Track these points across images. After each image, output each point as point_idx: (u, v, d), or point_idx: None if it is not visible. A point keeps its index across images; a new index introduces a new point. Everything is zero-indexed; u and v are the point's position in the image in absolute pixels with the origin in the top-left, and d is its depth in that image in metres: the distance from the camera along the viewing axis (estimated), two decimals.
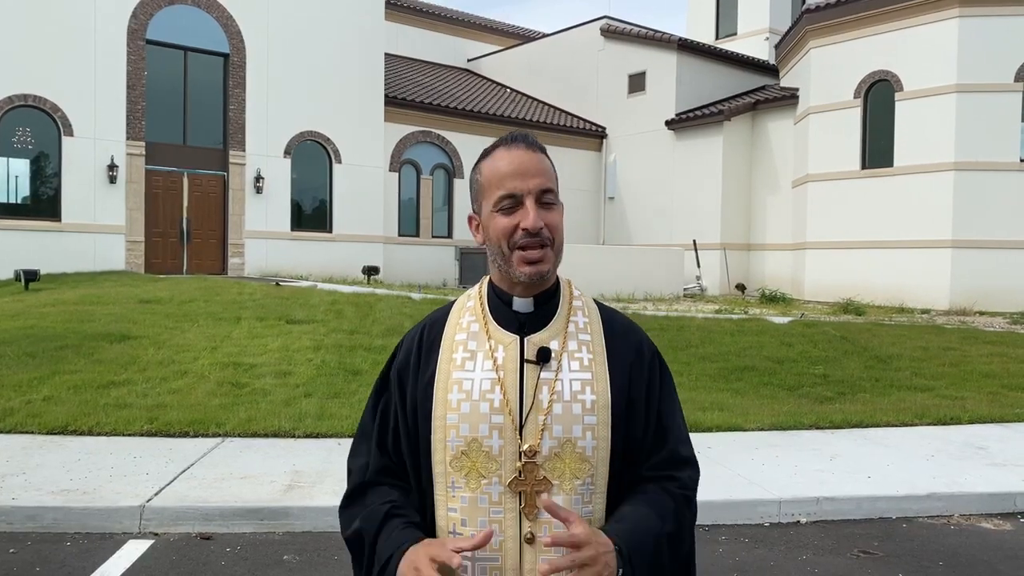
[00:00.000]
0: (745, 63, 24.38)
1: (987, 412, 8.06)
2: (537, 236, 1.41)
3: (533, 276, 1.43)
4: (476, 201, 1.50)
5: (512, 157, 1.44)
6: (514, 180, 1.42)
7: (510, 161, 1.44)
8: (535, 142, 1.48)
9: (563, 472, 1.40)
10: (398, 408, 1.51)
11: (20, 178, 16.33)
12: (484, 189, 1.47)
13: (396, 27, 26.64)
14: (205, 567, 4.31)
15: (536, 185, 1.42)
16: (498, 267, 1.48)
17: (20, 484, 5.15)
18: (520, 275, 1.43)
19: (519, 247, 1.42)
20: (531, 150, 1.45)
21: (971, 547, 4.86)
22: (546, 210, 1.43)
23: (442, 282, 20.51)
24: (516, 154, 1.44)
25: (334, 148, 19.77)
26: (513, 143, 1.46)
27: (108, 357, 8.60)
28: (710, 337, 10.92)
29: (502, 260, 1.45)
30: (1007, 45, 16.67)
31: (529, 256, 1.42)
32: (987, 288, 16.59)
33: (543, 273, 1.44)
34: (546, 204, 1.44)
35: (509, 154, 1.45)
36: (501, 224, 1.43)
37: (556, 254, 1.46)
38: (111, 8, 16.77)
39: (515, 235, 1.42)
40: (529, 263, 1.42)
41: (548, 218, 1.43)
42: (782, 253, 21.18)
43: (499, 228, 1.43)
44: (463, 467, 1.41)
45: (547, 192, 1.44)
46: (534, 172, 1.43)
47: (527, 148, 1.45)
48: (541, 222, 1.41)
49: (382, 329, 10.31)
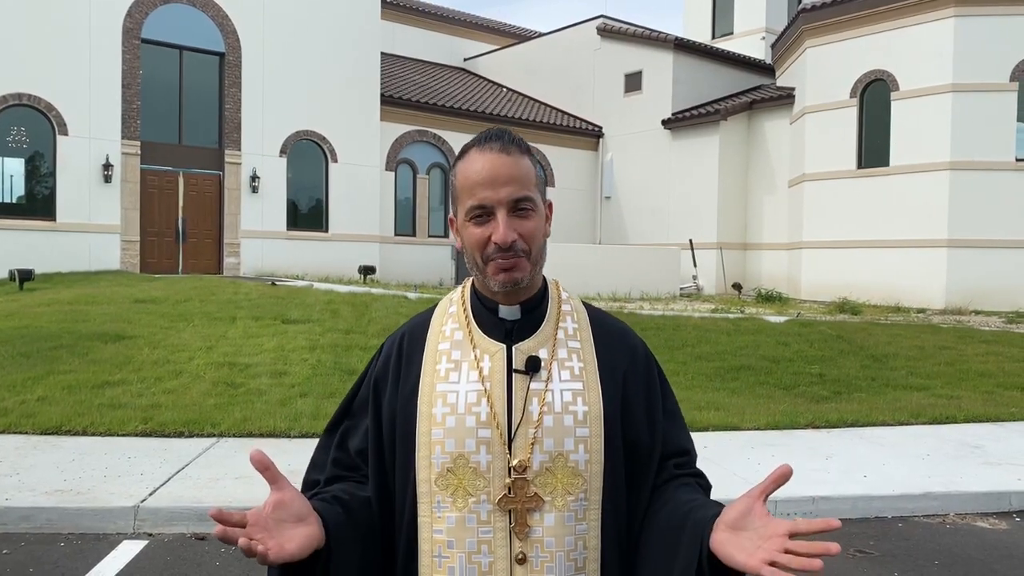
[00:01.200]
0: (741, 62, 24.40)
1: (982, 411, 8.08)
2: (510, 249, 1.33)
3: (507, 283, 1.35)
4: (453, 204, 1.42)
5: (485, 162, 1.34)
6: (485, 190, 1.33)
7: (482, 167, 1.34)
8: (513, 140, 1.37)
9: (555, 488, 1.33)
10: (371, 428, 1.43)
11: (15, 177, 16.29)
12: (457, 195, 1.39)
13: (392, 26, 26.61)
14: (199, 568, 4.30)
15: (508, 195, 1.33)
16: (476, 276, 1.42)
17: (14, 484, 5.13)
18: (494, 283, 1.36)
19: (492, 259, 1.35)
20: (506, 152, 1.35)
21: (967, 546, 4.87)
22: (521, 218, 1.35)
23: (439, 281, 20.49)
24: (489, 158, 1.34)
25: (330, 147, 19.74)
26: (487, 143, 1.36)
27: (103, 357, 8.57)
28: (706, 336, 10.93)
29: (477, 270, 1.39)
30: (1003, 45, 16.70)
31: (502, 264, 1.34)
32: (983, 287, 16.62)
33: (517, 281, 1.36)
34: (521, 212, 1.35)
35: (482, 157, 1.35)
36: (474, 235, 1.35)
37: (533, 263, 1.38)
38: (106, 7, 16.73)
39: (487, 247, 1.34)
40: (503, 271, 1.35)
41: (522, 227, 1.34)
42: (778, 252, 21.20)
43: (471, 239, 1.36)
44: (449, 485, 1.33)
45: (521, 200, 1.34)
46: (506, 179, 1.33)
47: (501, 150, 1.35)
48: (512, 235, 1.32)
49: (378, 329, 10.29)
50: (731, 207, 21.87)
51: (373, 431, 1.42)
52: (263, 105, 18.66)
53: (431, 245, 21.84)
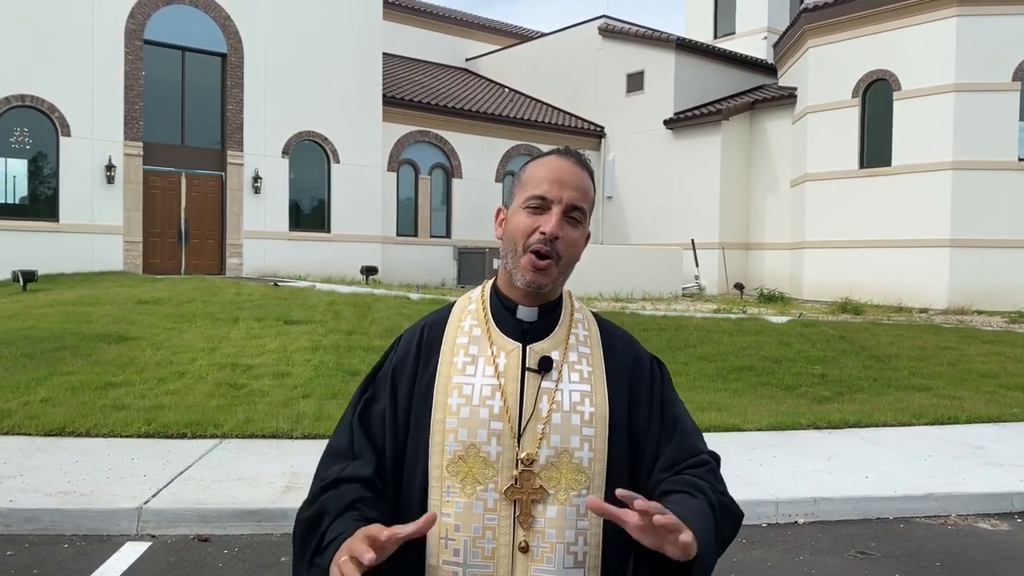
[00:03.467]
0: (743, 62, 24.38)
1: (984, 412, 8.08)
2: (551, 244, 1.41)
3: (532, 283, 1.42)
4: (512, 195, 1.51)
5: (557, 164, 1.46)
6: (551, 185, 1.43)
7: (553, 168, 1.45)
8: (586, 162, 1.50)
9: (559, 482, 1.40)
10: (387, 409, 1.48)
11: (18, 178, 16.32)
12: (521, 185, 1.48)
13: (394, 27, 26.62)
14: (202, 569, 4.31)
15: (569, 197, 1.43)
16: (505, 267, 1.48)
17: (17, 486, 5.14)
18: (520, 278, 1.43)
19: (532, 250, 1.41)
20: (578, 166, 1.47)
21: (968, 547, 4.87)
22: (570, 225, 1.44)
23: (440, 282, 20.50)
24: (563, 163, 1.46)
25: (332, 148, 19.76)
26: (565, 155, 1.48)
27: (106, 358, 8.59)
28: (708, 337, 10.93)
29: (512, 257, 1.45)
30: (1005, 44, 16.69)
31: (535, 262, 1.41)
32: (985, 287, 16.61)
33: (542, 285, 1.43)
34: (572, 220, 1.44)
35: (558, 162, 1.47)
36: (523, 221, 1.43)
37: (561, 271, 1.45)
38: (108, 8, 16.75)
39: (532, 236, 1.41)
40: (532, 270, 1.42)
41: (568, 233, 1.43)
42: (780, 252, 21.19)
43: (520, 224, 1.43)
44: (459, 472, 1.40)
45: (576, 209, 1.44)
46: (572, 184, 1.44)
47: (575, 163, 1.47)
48: (560, 231, 1.41)
49: (380, 329, 10.31)
50: (733, 207, 21.86)
51: (390, 420, 1.47)
52: (265, 106, 18.68)
53: (433, 246, 21.85)
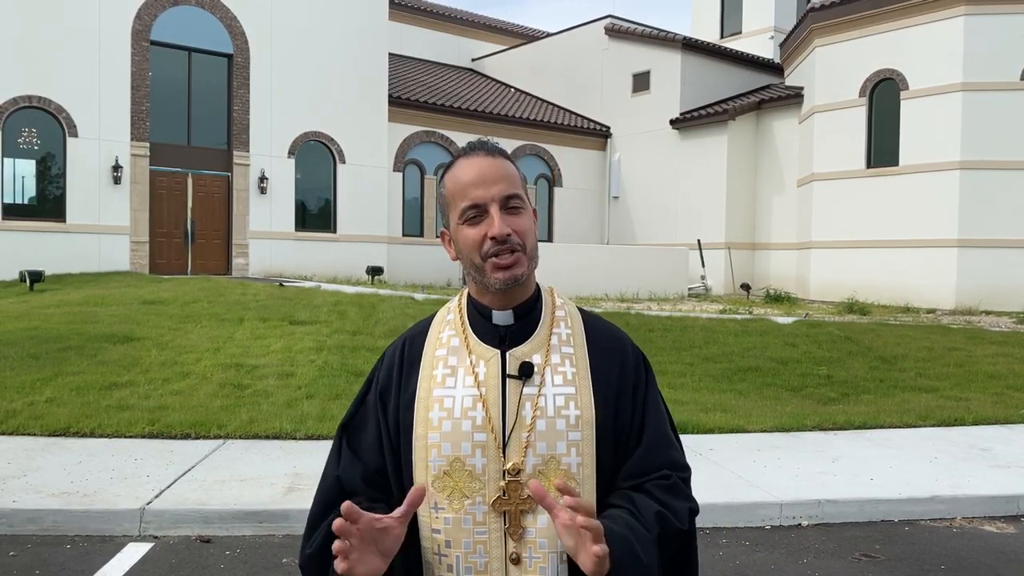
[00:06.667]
0: (750, 62, 24.32)
1: (991, 413, 8.02)
2: (505, 243, 1.37)
3: (508, 281, 1.38)
4: (444, 215, 1.46)
5: (473, 165, 1.41)
6: (476, 189, 1.38)
7: (471, 170, 1.40)
8: (496, 148, 1.45)
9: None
10: (382, 428, 1.46)
11: (25, 179, 16.40)
12: (449, 202, 1.43)
13: (400, 27, 26.64)
14: (204, 570, 4.31)
15: (499, 192, 1.38)
16: (473, 279, 1.44)
17: (21, 486, 5.16)
18: (495, 282, 1.39)
19: (490, 256, 1.38)
20: (492, 156, 1.42)
21: (974, 550, 4.83)
22: (513, 215, 1.39)
23: (446, 282, 20.50)
24: (476, 162, 1.41)
25: (338, 148, 19.78)
26: (472, 152, 1.43)
27: (111, 358, 8.61)
28: (714, 337, 10.89)
29: (475, 272, 1.41)
30: (1013, 44, 16.59)
31: (501, 262, 1.38)
32: (993, 287, 16.52)
33: (517, 277, 1.39)
34: (512, 209, 1.39)
35: (469, 163, 1.41)
36: (469, 235, 1.39)
37: (529, 259, 1.41)
38: (115, 9, 16.81)
39: (484, 245, 1.38)
40: (502, 268, 1.38)
41: (515, 223, 1.39)
42: (787, 252, 21.13)
43: (467, 240, 1.40)
44: (446, 487, 1.37)
45: (512, 198, 1.39)
46: (495, 178, 1.39)
47: (487, 155, 1.42)
48: (507, 228, 1.37)
49: (385, 330, 10.31)
50: (739, 207, 21.81)
51: (385, 439, 1.46)
52: (271, 106, 18.72)
53: (439, 246, 21.69)
